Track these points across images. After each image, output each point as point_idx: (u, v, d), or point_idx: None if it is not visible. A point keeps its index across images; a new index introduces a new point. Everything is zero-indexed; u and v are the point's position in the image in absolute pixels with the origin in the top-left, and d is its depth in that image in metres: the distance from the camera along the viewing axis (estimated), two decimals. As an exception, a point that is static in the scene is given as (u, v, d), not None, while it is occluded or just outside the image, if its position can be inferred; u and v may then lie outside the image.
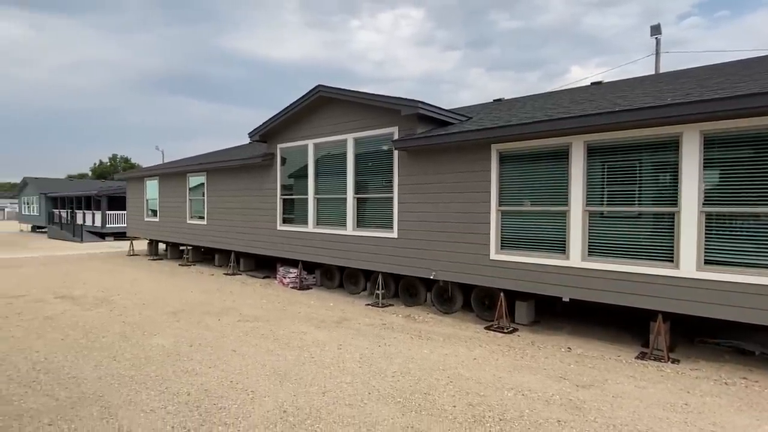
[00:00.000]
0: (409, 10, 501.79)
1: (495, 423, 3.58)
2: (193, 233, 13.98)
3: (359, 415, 3.71)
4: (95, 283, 10.48)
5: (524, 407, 3.89)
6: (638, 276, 5.50)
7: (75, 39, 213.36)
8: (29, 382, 4.38)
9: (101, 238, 24.77)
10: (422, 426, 3.54)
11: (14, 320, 6.88)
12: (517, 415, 3.73)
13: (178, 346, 5.59)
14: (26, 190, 36.47)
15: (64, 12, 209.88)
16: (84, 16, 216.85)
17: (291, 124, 10.18)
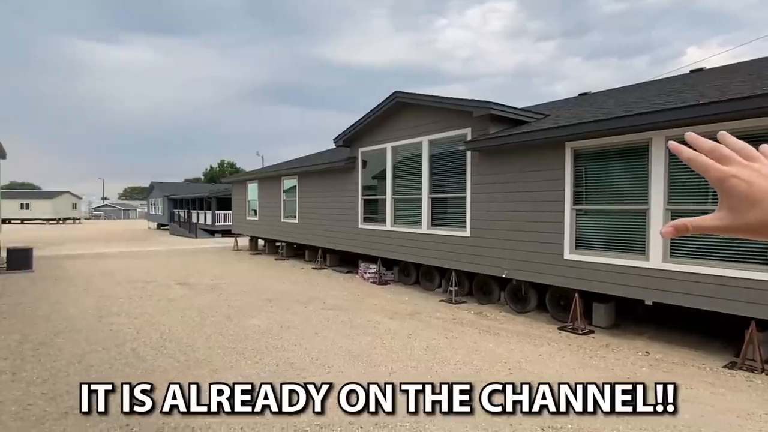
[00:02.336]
0: (499, 4, 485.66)
1: (547, 414, 3.72)
2: (287, 231, 15.40)
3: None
4: (206, 273, 12.15)
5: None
6: (728, 280, 5.12)
7: (192, 59, 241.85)
8: (158, 347, 5.46)
9: (211, 234, 28.04)
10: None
11: (147, 300, 8.37)
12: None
13: (270, 327, 6.45)
14: (153, 192, 42.47)
15: (185, 34, 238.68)
16: (200, 36, 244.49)
17: (371, 128, 10.84)
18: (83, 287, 9.67)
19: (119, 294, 8.92)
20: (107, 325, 6.52)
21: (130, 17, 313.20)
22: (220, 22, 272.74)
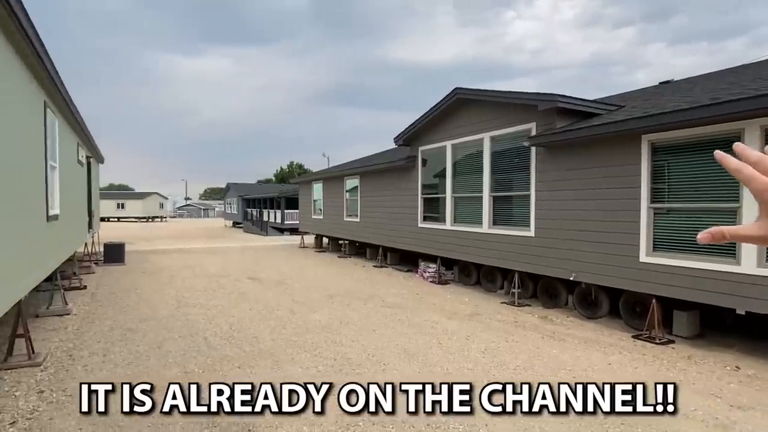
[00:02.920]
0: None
1: (615, 427, 3.45)
2: (349, 229, 15.74)
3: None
4: (274, 268, 12.77)
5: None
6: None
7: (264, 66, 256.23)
8: (227, 337, 5.82)
9: (280, 232, 29.44)
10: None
11: (220, 293, 8.97)
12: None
13: (330, 322, 6.62)
14: (229, 193, 45.47)
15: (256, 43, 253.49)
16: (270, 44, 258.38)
17: (430, 126, 10.75)
18: (166, 280, 10.59)
19: (196, 286, 9.65)
20: (184, 314, 7.08)
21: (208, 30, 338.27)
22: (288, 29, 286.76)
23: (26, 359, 4.66)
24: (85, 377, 4.38)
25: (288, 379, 4.37)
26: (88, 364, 4.74)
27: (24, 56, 4.69)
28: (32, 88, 5.28)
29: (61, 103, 6.96)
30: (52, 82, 5.78)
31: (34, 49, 4.63)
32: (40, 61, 4.94)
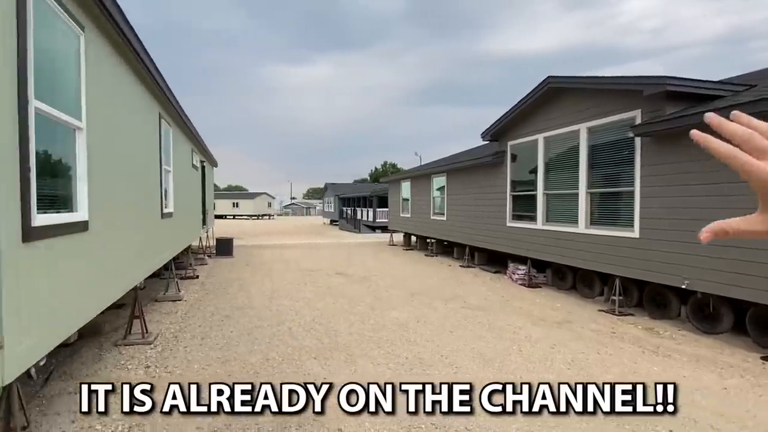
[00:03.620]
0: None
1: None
2: (436, 228, 15.59)
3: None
4: (362, 264, 13.14)
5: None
6: None
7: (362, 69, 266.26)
8: (309, 329, 6.11)
9: (372, 230, 30.27)
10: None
11: (309, 287, 9.48)
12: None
13: (408, 321, 6.60)
14: (327, 192, 47.99)
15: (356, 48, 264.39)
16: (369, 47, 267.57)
17: (520, 120, 10.15)
18: (265, 272, 11.50)
19: (290, 279, 10.32)
20: (275, 305, 7.60)
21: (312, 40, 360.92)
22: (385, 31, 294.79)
23: (140, 338, 5.39)
24: (184, 357, 4.92)
25: (359, 373, 4.45)
26: (188, 346, 5.31)
27: (139, 75, 5.40)
28: (147, 102, 6.06)
29: (174, 115, 7.91)
30: (164, 96, 6.60)
31: (148, 70, 5.32)
32: (152, 78, 5.65)
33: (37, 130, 2.73)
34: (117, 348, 5.16)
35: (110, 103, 4.33)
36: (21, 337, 2.50)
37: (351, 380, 4.23)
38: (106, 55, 4.21)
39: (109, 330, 5.82)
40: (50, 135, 3.11)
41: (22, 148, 2.56)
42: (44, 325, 2.81)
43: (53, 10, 3.04)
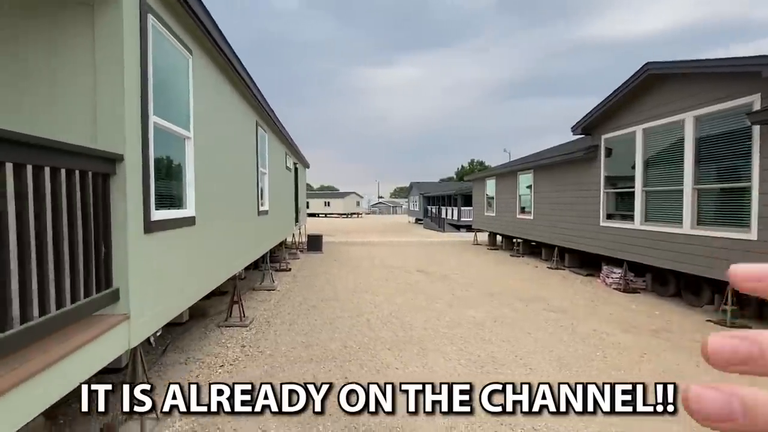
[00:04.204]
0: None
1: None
2: (521, 227, 15.01)
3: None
4: (443, 263, 13.16)
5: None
6: None
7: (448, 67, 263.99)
8: (386, 322, 6.37)
9: (457, 229, 29.96)
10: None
11: (390, 283, 9.78)
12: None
13: (484, 320, 6.54)
14: (412, 191, 48.45)
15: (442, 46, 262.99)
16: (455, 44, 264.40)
17: (615, 111, 9.41)
18: (350, 268, 12.09)
19: (373, 275, 10.74)
20: (357, 298, 8.00)
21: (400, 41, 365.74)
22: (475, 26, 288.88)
23: (238, 321, 6.08)
24: (273, 339, 5.46)
25: (429, 366, 4.57)
26: (278, 330, 5.87)
27: (238, 88, 6.08)
28: (246, 111, 6.78)
29: (269, 122, 8.70)
30: (260, 106, 7.31)
31: (246, 84, 5.97)
32: (249, 90, 6.32)
33: (155, 140, 3.29)
34: (219, 329, 5.89)
35: (213, 115, 4.97)
36: (142, 312, 3.05)
37: (422, 372, 4.38)
38: (210, 73, 4.84)
39: (213, 313, 6.65)
40: (165, 144, 3.70)
41: (144, 157, 3.11)
42: (159, 303, 3.37)
43: (168, 40, 3.62)
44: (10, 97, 2.86)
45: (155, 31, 3.31)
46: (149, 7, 3.18)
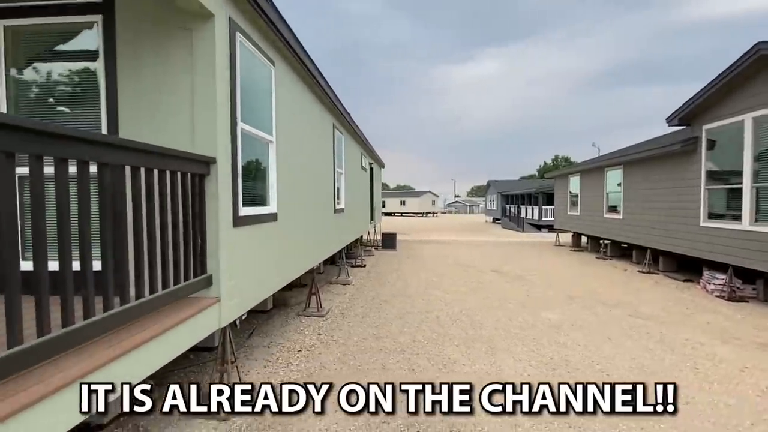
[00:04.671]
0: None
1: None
2: (609, 227, 14.00)
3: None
4: (520, 264, 12.74)
5: None
6: None
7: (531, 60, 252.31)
8: (455, 319, 6.39)
9: (538, 229, 28.64)
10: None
11: (463, 281, 9.73)
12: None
13: (561, 323, 6.28)
14: (489, 190, 47.17)
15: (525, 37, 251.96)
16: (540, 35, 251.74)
17: (719, 99, 8.44)
18: (422, 265, 12.20)
19: (445, 273, 10.75)
20: (428, 295, 8.10)
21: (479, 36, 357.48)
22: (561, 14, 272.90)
23: (316, 311, 6.49)
24: (347, 330, 5.76)
25: (497, 365, 4.54)
26: (351, 322, 6.17)
27: (316, 94, 6.49)
28: (323, 115, 7.20)
29: (346, 124, 9.11)
30: (337, 110, 7.71)
31: (323, 90, 6.35)
32: (327, 96, 6.71)
33: (243, 144, 3.69)
34: (299, 317, 6.35)
35: (293, 119, 5.38)
36: (231, 296, 3.46)
37: (489, 370, 4.37)
38: (291, 80, 5.25)
39: (294, 303, 7.17)
40: (252, 147, 4.11)
41: (233, 159, 3.51)
42: (245, 290, 3.77)
43: (253, 54, 4.02)
44: (129, 112, 3.39)
45: (242, 47, 3.71)
46: (237, 26, 3.58)
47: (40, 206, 1.84)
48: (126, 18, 3.31)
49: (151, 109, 3.32)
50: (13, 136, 1.68)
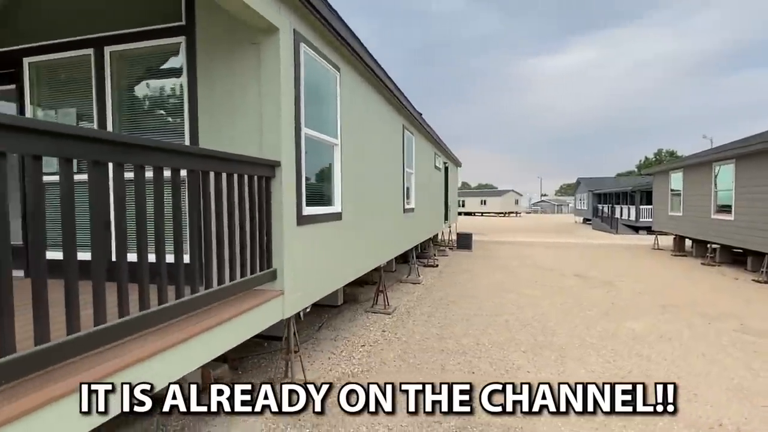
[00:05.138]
0: None
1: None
2: (718, 230, 12.36)
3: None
4: (608, 269, 11.77)
5: None
6: None
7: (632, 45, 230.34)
8: (526, 324, 6.12)
9: (634, 231, 26.16)
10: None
11: (539, 285, 9.26)
12: None
13: (646, 334, 5.72)
14: (579, 188, 44.06)
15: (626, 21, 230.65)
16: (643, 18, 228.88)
17: None
18: (497, 267, 11.82)
19: (521, 276, 10.32)
20: (499, 297, 7.85)
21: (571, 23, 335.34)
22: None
23: (383, 308, 6.64)
24: (410, 328, 5.82)
25: (566, 375, 4.29)
26: (416, 321, 6.21)
27: (384, 96, 6.63)
28: (392, 117, 7.32)
29: (417, 125, 9.17)
30: (407, 111, 7.80)
31: (392, 92, 6.48)
32: (396, 98, 6.83)
33: (307, 148, 3.92)
34: (366, 314, 6.55)
35: (360, 122, 5.56)
36: (294, 290, 3.70)
37: (557, 380, 4.16)
38: (357, 85, 5.44)
39: (363, 300, 7.39)
40: (316, 150, 4.35)
41: (297, 162, 3.75)
42: (307, 284, 4.00)
43: (318, 62, 4.24)
44: (206, 121, 3.78)
45: (307, 57, 3.94)
46: (302, 37, 3.82)
47: (141, 210, 2.28)
48: (204, 38, 3.70)
49: (224, 117, 3.68)
50: (133, 151, 2.01)
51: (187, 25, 3.70)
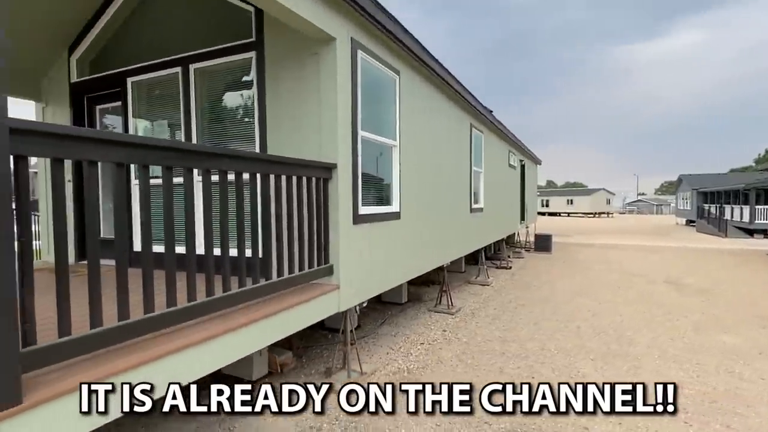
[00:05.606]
0: None
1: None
2: None
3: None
4: (708, 276, 10.51)
5: None
6: None
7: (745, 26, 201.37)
8: (599, 332, 5.74)
9: (748, 234, 22.96)
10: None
11: (622, 291, 8.57)
12: None
13: (739, 347, 5.08)
14: (681, 186, 39.57)
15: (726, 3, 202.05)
16: None
17: None
18: (577, 270, 11.12)
19: (603, 280, 9.62)
20: (574, 303, 7.42)
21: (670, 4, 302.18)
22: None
23: (446, 308, 6.64)
24: (473, 330, 5.76)
25: (635, 387, 3.98)
26: (480, 323, 6.13)
27: (448, 95, 6.62)
28: (458, 115, 7.27)
29: (486, 122, 8.98)
30: (474, 109, 7.70)
31: (456, 92, 6.45)
32: (461, 96, 6.78)
33: (364, 150, 4.10)
34: (429, 313, 6.59)
35: (420, 123, 5.62)
36: (349, 285, 3.89)
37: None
38: (418, 86, 5.51)
39: (427, 299, 7.44)
40: (374, 152, 4.51)
41: (353, 164, 3.94)
42: (363, 281, 4.18)
43: (376, 67, 4.40)
44: (274, 127, 4.12)
45: (364, 63, 4.11)
46: (359, 44, 4.00)
47: (224, 209, 2.70)
48: (271, 52, 4.04)
49: (289, 123, 3.99)
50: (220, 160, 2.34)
51: (256, 41, 4.07)
